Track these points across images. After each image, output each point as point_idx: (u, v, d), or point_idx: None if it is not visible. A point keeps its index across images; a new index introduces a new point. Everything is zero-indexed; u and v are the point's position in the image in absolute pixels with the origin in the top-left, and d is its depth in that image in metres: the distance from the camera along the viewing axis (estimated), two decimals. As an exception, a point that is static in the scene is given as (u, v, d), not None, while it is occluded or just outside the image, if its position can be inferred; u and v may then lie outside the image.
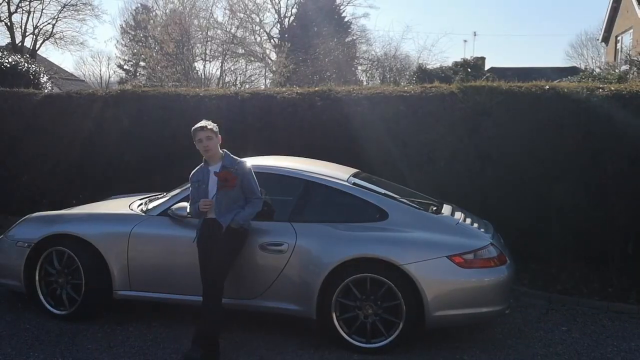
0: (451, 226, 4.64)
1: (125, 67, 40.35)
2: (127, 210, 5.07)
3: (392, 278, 4.30)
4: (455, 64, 20.15)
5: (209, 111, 7.79)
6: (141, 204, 5.28)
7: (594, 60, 39.60)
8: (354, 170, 5.29)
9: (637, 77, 16.97)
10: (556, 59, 67.19)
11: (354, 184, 4.83)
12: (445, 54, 71.94)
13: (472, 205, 5.92)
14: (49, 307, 4.92)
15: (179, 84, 18.86)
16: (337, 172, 5.04)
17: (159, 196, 5.51)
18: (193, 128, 4.43)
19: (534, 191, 6.60)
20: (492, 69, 24.41)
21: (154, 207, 4.91)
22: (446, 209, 4.97)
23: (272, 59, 27.19)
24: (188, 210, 4.52)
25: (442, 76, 18.76)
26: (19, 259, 4.92)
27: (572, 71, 30.43)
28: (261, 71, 27.93)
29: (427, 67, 19.69)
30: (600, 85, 6.92)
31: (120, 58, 40.51)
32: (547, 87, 6.85)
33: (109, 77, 41.29)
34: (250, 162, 4.65)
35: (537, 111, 6.66)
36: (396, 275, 4.30)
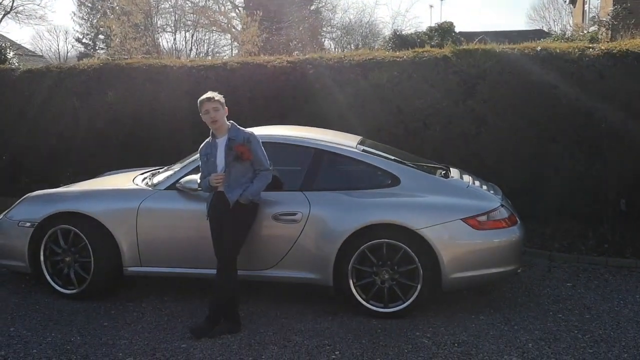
0: (462, 189, 4.67)
1: (84, 40, 39.18)
2: (133, 185, 4.97)
3: (408, 243, 4.32)
4: (430, 29, 20.07)
5: (197, 82, 7.70)
6: (145, 178, 5.18)
7: (555, 22, 39.96)
8: (359, 138, 5.26)
9: (606, 37, 17.20)
10: (520, 23, 67.47)
11: (363, 150, 4.80)
12: (420, 19, 71.61)
13: (469, 169, 5.94)
14: (56, 286, 4.82)
15: (149, 56, 18.42)
16: (344, 140, 5.01)
17: (161, 170, 5.41)
18: (199, 99, 4.31)
19: (530, 152, 6.68)
20: (460, 34, 24.41)
21: (161, 181, 4.82)
22: (454, 173, 5.00)
23: (237, 29, 26.68)
24: (199, 183, 4.43)
25: (417, 41, 18.66)
26: (22, 239, 4.80)
27: (537, 34, 30.57)
28: (227, 42, 27.47)
29: (402, 32, 19.55)
30: (591, 45, 6.98)
31: (78, 32, 39.33)
32: (539, 48, 6.89)
33: (67, 52, 40.15)
34: (257, 132, 4.58)
35: (530, 73, 6.70)
36: (412, 240, 4.32)
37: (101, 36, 35.82)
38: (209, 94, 4.29)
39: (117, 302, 4.74)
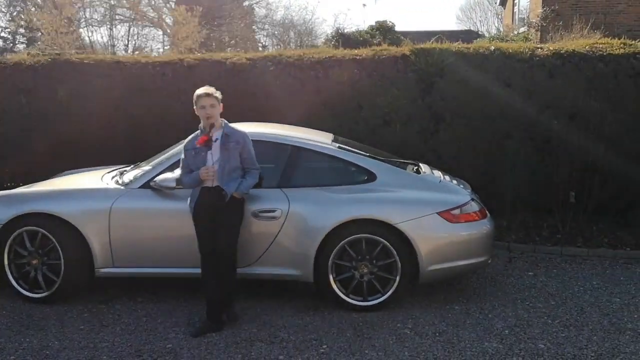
0: (435, 184, 4.82)
1: (2, 34, 37.23)
2: (103, 185, 4.84)
3: (387, 237, 4.42)
4: (371, 27, 20.38)
5: (153, 79, 7.56)
6: (114, 177, 5.05)
7: (482, 23, 41.44)
8: (331, 135, 5.32)
9: (536, 38, 18.00)
10: (449, 23, 69.40)
11: (339, 147, 4.87)
12: (361, 18, 72.14)
13: (428, 165, 6.12)
14: (22, 290, 4.64)
15: (82, 51, 17.85)
16: (319, 137, 5.06)
17: (128, 169, 5.30)
18: (196, 94, 4.25)
19: (486, 149, 6.92)
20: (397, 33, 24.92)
21: (134, 180, 4.72)
22: (425, 168, 5.14)
23: (169, 23, 26.16)
24: (180, 180, 4.36)
25: (360, 40, 18.91)
26: (-16, 242, 4.59)
27: (467, 34, 31.57)
28: (156, 37, 26.96)
29: (345, 31, 19.74)
30: (540, 45, 7.31)
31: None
32: (493, 47, 7.16)
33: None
34: None
35: (485, 71, 6.95)
36: (391, 234, 4.42)
37: (22, 30, 34.17)
38: (207, 89, 4.24)
39: (88, 305, 4.61)
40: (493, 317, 4.40)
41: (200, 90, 4.24)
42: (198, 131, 4.36)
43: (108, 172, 5.27)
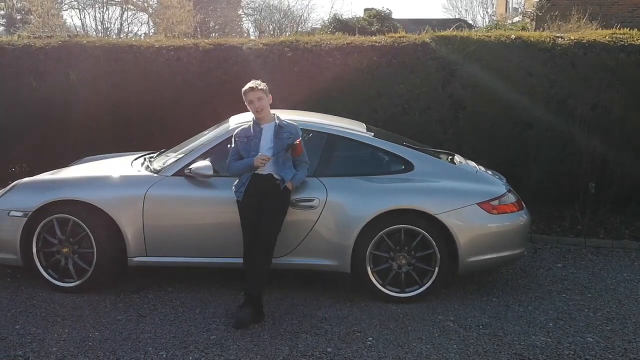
0: (473, 174, 4.77)
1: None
2: (135, 172, 4.72)
3: (426, 228, 4.37)
4: (369, 14, 20.26)
5: (168, 63, 7.43)
6: (143, 163, 4.93)
7: (467, 12, 41.60)
8: (364, 124, 5.24)
9: (531, 28, 18.00)
10: (436, 11, 69.28)
11: (374, 135, 4.79)
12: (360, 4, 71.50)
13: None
14: (52, 280, 4.53)
15: (72, 34, 17.53)
16: (353, 125, 4.97)
17: (155, 155, 5.19)
18: (243, 90, 4.27)
19: (506, 138, 6.89)
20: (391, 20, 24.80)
21: (168, 167, 4.61)
22: (459, 158, 5.08)
23: (153, 8, 25.74)
24: (228, 166, 4.27)
25: (358, 27, 18.78)
26: (13, 230, 4.47)
27: (457, 23, 31.41)
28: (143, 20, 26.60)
29: (342, 17, 19.60)
30: (561, 35, 7.27)
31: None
32: (514, 36, 7.10)
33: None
34: None
35: (506, 60, 6.89)
36: (430, 225, 4.37)
37: (1, 12, 33.43)
38: (252, 83, 4.22)
39: (120, 295, 4.51)
40: (533, 310, 4.37)
41: (246, 86, 4.27)
42: (250, 122, 4.28)
43: (136, 159, 5.14)
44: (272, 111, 4.64)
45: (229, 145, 4.36)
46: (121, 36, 23.10)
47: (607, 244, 6.05)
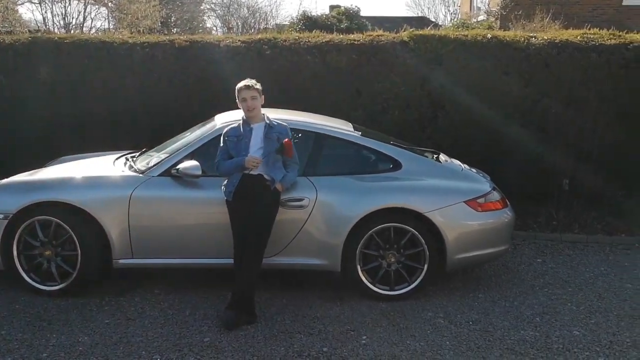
0: (459, 173, 4.83)
1: None
2: (120, 172, 4.63)
3: (415, 226, 4.40)
4: (338, 12, 20.30)
5: (143, 60, 7.28)
6: (125, 163, 4.84)
7: (429, 10, 42.24)
8: (349, 123, 5.25)
9: (496, 27, 18.33)
10: (400, 9, 69.77)
11: (362, 134, 4.81)
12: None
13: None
14: (34, 283, 4.42)
15: (32, 29, 17.09)
16: (340, 124, 4.98)
17: (137, 154, 5.10)
18: (237, 87, 4.20)
19: (483, 136, 6.98)
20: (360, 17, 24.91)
21: (153, 167, 4.53)
22: (443, 157, 5.13)
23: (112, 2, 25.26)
24: (217, 166, 4.22)
25: (327, 24, 18.80)
26: (-7, 233, 4.33)
27: (420, 21, 31.84)
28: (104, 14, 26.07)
29: (312, 14, 19.59)
30: (534, 34, 7.41)
31: None
32: (490, 35, 7.21)
33: None
34: None
35: (483, 59, 6.99)
36: (419, 223, 4.41)
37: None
38: (247, 82, 4.17)
39: (105, 297, 4.42)
40: (519, 305, 4.46)
41: (240, 83, 4.21)
42: (240, 121, 4.24)
43: (117, 159, 5.04)
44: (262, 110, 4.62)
45: (220, 145, 4.29)
46: (84, 31, 22.58)
47: (582, 239, 6.21)
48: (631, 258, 5.67)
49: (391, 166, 4.65)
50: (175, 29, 27.72)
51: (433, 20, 37.55)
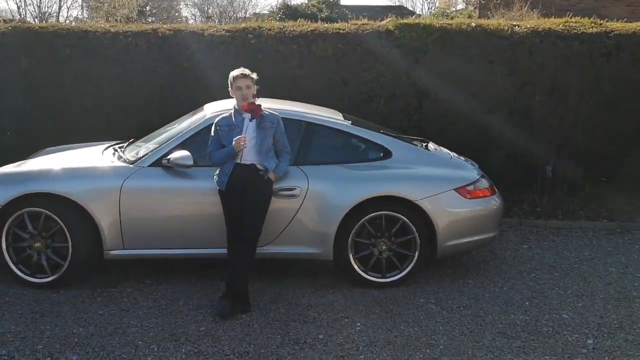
0: (448, 161, 4.88)
1: None
2: (109, 162, 4.59)
3: (407, 214, 4.45)
4: (317, 0, 20.24)
5: (126, 50, 7.20)
6: (114, 153, 4.81)
7: (407, -1, 42.27)
8: (339, 112, 5.26)
9: (475, 15, 18.49)
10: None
11: (352, 123, 4.83)
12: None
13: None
14: (24, 276, 4.37)
15: (6, 18, 16.78)
16: (329, 113, 4.99)
17: (125, 145, 5.06)
18: (232, 75, 4.19)
19: (469, 124, 7.05)
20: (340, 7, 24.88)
21: (144, 157, 4.49)
22: (432, 145, 5.18)
23: None
24: (209, 156, 4.21)
25: (308, 13, 18.76)
26: (-19, 225, 4.27)
27: (399, 10, 31.90)
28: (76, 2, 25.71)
29: (292, 3, 19.51)
30: (517, 23, 7.48)
31: None
32: (474, 24, 7.26)
33: None
34: None
35: (468, 48, 7.05)
36: (410, 211, 4.45)
37: None
38: (242, 70, 4.17)
39: (97, 289, 4.40)
40: (508, 290, 4.54)
41: (236, 72, 4.19)
42: (231, 110, 4.23)
43: (105, 149, 5.00)
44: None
45: (212, 135, 4.28)
46: (59, 20, 22.24)
47: (566, 225, 6.32)
48: (613, 243, 5.79)
49: (382, 155, 4.68)
50: (151, 18, 27.44)
51: (411, 9, 37.75)
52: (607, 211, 6.75)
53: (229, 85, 4.23)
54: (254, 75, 4.22)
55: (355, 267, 4.50)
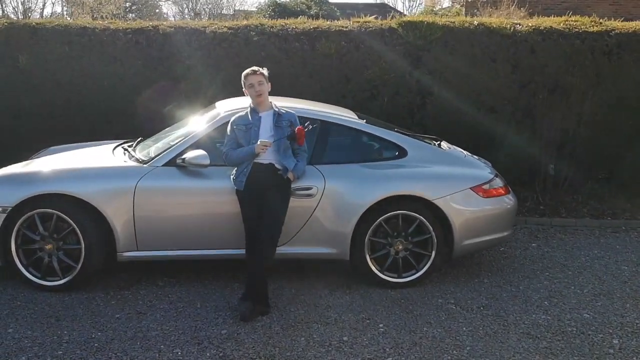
0: (462, 159, 4.86)
1: None
2: (122, 162, 4.49)
3: (423, 213, 4.41)
4: (306, -4, 20.14)
5: (126, 47, 7.09)
6: (125, 152, 4.71)
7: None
8: (351, 111, 5.21)
9: (462, 13, 18.54)
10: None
11: (366, 122, 4.78)
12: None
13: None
14: (34, 279, 4.26)
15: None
16: (344, 112, 4.94)
17: (134, 144, 4.96)
18: (244, 73, 4.14)
19: (471, 123, 7.04)
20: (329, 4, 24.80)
21: (157, 157, 4.40)
22: (445, 144, 5.16)
23: None
24: (226, 156, 4.14)
25: (297, 10, 18.68)
26: (-10, 227, 4.16)
27: (382, 7, 31.93)
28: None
29: (282, 0, 19.40)
30: (519, 21, 7.49)
31: None
32: (477, 22, 7.25)
33: None
34: None
35: (471, 46, 7.04)
36: (427, 210, 4.42)
37: None
38: (254, 67, 4.06)
39: (110, 292, 4.31)
40: (525, 289, 4.53)
41: (247, 70, 4.13)
42: (247, 109, 4.16)
43: (115, 148, 4.90)
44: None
45: (228, 134, 4.21)
46: (43, 16, 21.88)
47: (571, 223, 6.34)
48: (621, 241, 5.82)
49: (397, 153, 4.64)
50: (131, 14, 27.10)
51: (392, 7, 37.73)
52: (610, 209, 6.78)
53: (242, 85, 4.15)
54: (265, 71, 4.16)
55: (372, 267, 4.45)
